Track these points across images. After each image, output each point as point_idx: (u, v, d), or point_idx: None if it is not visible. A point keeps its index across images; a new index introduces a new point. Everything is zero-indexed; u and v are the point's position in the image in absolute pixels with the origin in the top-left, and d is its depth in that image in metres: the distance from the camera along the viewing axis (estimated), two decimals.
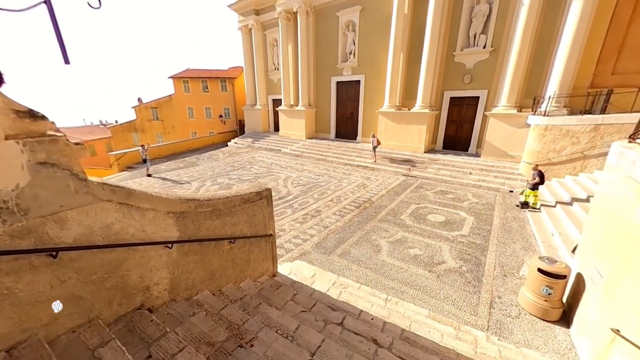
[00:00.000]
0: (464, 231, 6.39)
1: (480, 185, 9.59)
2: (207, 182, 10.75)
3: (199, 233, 2.74)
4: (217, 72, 24.15)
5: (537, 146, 8.90)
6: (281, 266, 4.66)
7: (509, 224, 6.76)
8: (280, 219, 7.18)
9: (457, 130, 12.57)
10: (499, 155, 10.73)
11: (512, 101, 10.18)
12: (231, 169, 12.91)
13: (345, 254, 5.48)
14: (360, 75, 14.67)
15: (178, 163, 14.57)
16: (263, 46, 18.97)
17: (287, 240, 6.06)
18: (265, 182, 10.42)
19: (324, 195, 8.96)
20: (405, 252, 5.51)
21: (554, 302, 3.62)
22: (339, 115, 16.60)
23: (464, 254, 5.43)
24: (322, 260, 5.26)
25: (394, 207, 7.93)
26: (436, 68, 11.83)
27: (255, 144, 18.55)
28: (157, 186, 10.37)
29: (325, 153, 14.62)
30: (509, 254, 5.40)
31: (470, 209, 7.68)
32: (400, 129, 12.95)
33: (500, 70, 10.67)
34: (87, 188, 1.83)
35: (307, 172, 12.02)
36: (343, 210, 7.72)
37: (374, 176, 11.18)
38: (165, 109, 24.13)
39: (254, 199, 3.36)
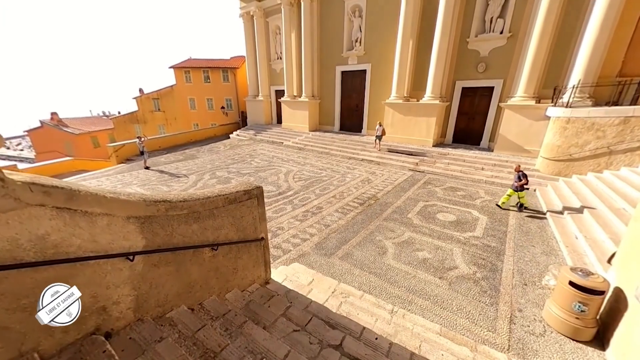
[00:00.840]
0: (477, 232, 5.88)
1: (493, 182, 9.00)
2: (206, 175, 10.38)
3: (172, 240, 2.31)
4: (219, 62, 23.53)
5: (557, 140, 8.24)
6: (276, 270, 4.24)
7: (527, 225, 6.23)
8: (279, 216, 6.76)
9: (468, 123, 11.87)
10: (513, 150, 10.07)
11: (530, 91, 9.45)
12: (231, 162, 12.52)
13: (347, 256, 5.05)
14: (367, 64, 13.95)
15: (177, 155, 14.23)
16: (265, 34, 18.26)
17: (285, 239, 5.64)
18: (265, 176, 10.02)
19: (326, 191, 8.50)
20: (413, 255, 5.04)
21: (588, 321, 3.14)
22: (344, 107, 15.97)
23: (478, 258, 4.94)
24: (322, 263, 4.84)
25: (401, 204, 7.43)
26: (448, 56, 11.08)
27: (257, 136, 18.09)
28: (154, 179, 10.04)
29: (328, 146, 14.09)
30: (528, 259, 4.90)
31: (483, 208, 7.14)
32: (408, 122, 12.31)
33: (518, 58, 9.89)
34: (6, 190, 1.39)
35: (309, 166, 11.55)
36: (346, 208, 7.26)
37: (379, 171, 10.65)
38: (166, 99, 23.72)
39: (241, 199, 2.91)
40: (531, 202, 7.46)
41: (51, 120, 26.37)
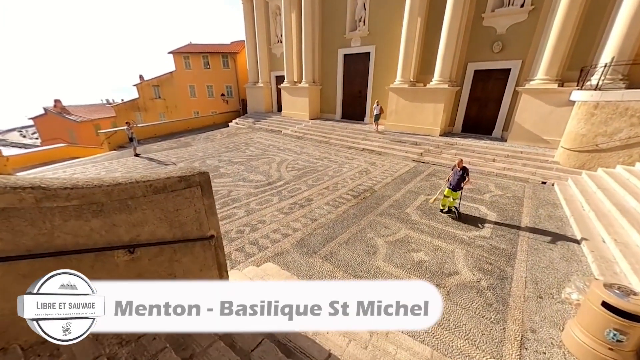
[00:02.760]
0: (485, 231, 5.13)
1: (505, 175, 8.12)
2: (195, 163, 9.84)
3: (54, 242, 1.69)
4: (218, 47, 22.70)
5: (581, 128, 7.25)
6: (241, 272, 3.64)
7: (543, 224, 5.42)
8: (262, 208, 6.15)
9: (480, 110, 10.84)
10: (530, 140, 9.08)
11: (553, 73, 8.38)
12: (225, 150, 11.94)
13: (331, 256, 4.41)
14: (371, 46, 12.93)
15: (171, 143, 13.75)
16: (265, 15, 17.28)
17: (264, 235, 5.04)
18: (257, 165, 9.42)
19: (319, 182, 7.82)
20: (407, 257, 4.36)
21: (625, 354, 2.42)
22: (346, 94, 15.04)
23: (484, 262, 4.21)
24: (301, 263, 4.21)
25: (399, 197, 6.70)
26: (460, 34, 9.99)
27: (256, 124, 17.42)
28: (140, 167, 9.58)
29: (328, 135, 13.31)
30: (544, 266, 4.14)
31: (493, 204, 6.33)
32: (414, 108, 11.36)
33: (540, 35, 8.76)
34: None
35: (305, 155, 10.86)
36: (338, 200, 6.58)
37: (379, 161, 9.87)
38: (166, 86, 23.20)
39: (174, 188, 2.26)
40: (549, 198, 6.59)
41: (54, 107, 26.33)
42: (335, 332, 2.61)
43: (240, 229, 5.21)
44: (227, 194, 6.96)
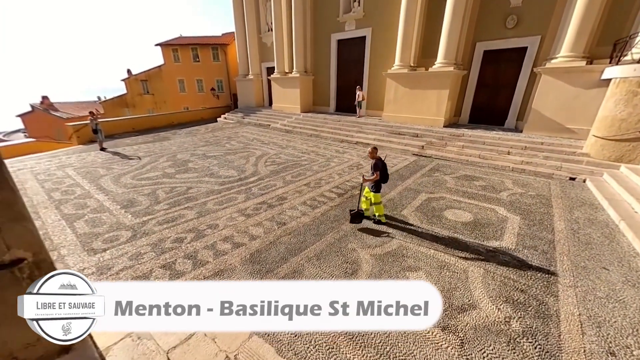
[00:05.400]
0: (507, 241, 3.80)
1: (524, 170, 6.77)
2: (163, 158, 8.60)
3: None
4: (208, 39, 21.54)
5: (620, 112, 5.88)
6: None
7: (584, 231, 4.07)
8: (221, 208, 4.88)
9: (490, 97, 9.49)
10: (551, 130, 7.72)
11: (580, 49, 7.02)
12: (203, 144, 10.72)
13: (292, 276, 3.12)
14: (367, 29, 11.63)
15: (148, 137, 12.54)
16: (255, 2, 16.08)
17: (209, 244, 3.75)
18: (233, 159, 8.21)
19: (300, 178, 6.54)
20: (400, 278, 3.05)
21: None
22: (341, 84, 13.76)
23: (512, 288, 2.89)
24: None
25: (395, 196, 5.39)
26: (467, 9, 8.67)
27: (245, 119, 16.19)
28: (99, 162, 8.35)
29: (320, 128, 12.03)
30: (603, 295, 2.81)
31: (513, 204, 5.00)
32: (415, 96, 10.04)
33: (563, 5, 7.41)
34: None
35: (291, 149, 9.59)
36: (318, 199, 5.29)
37: None
38: (155, 81, 22.08)
39: None
40: (583, 197, 5.24)
41: (41, 104, 25.37)
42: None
43: (181, 237, 3.94)
44: (184, 191, 5.70)
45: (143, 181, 6.37)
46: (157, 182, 6.32)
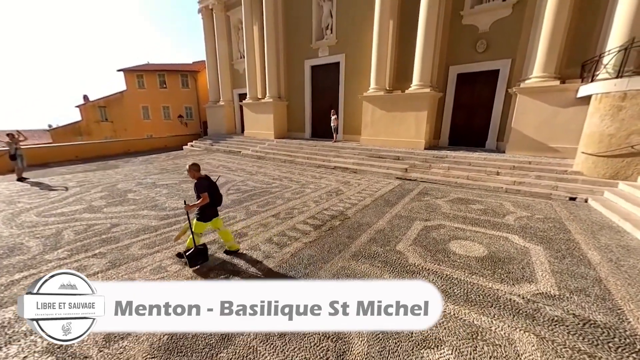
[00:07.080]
0: (544, 283, 2.79)
1: (519, 191, 6.16)
2: (97, 188, 6.94)
3: None
4: (177, 66, 20.83)
5: (607, 127, 5.61)
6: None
7: (627, 262, 3.22)
8: (149, 253, 3.44)
9: (468, 119, 9.33)
10: (534, 149, 7.43)
11: (551, 69, 7.05)
12: (158, 172, 9.19)
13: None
14: (340, 55, 11.53)
15: (91, 166, 10.70)
16: (227, 30, 15.88)
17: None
18: (187, 188, 6.77)
19: (268, 207, 5.30)
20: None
21: None
22: (316, 109, 13.30)
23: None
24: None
25: (384, 226, 4.32)
26: (438, 35, 8.76)
27: (213, 146, 14.93)
28: (5, 194, 6.47)
29: (294, 154, 11.11)
30: None
31: (526, 230, 4.14)
32: (392, 119, 9.63)
33: (529, 30, 7.62)
34: None
35: (261, 175, 8.41)
36: (289, 234, 4.05)
37: (355, 180, 7.64)
38: (115, 107, 20.41)
39: None
40: (595, 219, 4.56)
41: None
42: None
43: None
44: (105, 230, 4.18)
45: (51, 218, 4.73)
46: (71, 218, 4.71)
